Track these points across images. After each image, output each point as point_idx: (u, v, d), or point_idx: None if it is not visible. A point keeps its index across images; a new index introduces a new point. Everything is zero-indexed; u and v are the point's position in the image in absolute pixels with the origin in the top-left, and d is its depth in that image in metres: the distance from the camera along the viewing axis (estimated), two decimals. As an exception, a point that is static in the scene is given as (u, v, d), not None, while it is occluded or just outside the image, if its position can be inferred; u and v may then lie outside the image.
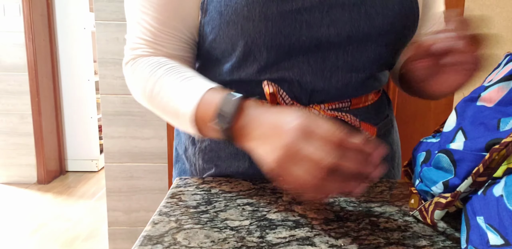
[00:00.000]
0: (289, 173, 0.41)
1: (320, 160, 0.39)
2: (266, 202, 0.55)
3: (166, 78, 0.55)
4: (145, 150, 1.66)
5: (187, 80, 0.54)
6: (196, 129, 0.52)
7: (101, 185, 3.03)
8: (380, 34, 0.57)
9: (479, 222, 0.37)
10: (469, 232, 0.39)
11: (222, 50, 0.59)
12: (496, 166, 0.37)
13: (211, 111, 0.49)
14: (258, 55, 0.57)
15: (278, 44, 0.56)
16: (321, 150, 0.40)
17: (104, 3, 1.55)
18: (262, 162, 0.45)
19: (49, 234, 2.27)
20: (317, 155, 0.40)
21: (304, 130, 0.41)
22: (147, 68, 0.57)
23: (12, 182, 3.06)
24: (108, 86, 1.61)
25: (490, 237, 0.35)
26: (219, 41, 0.58)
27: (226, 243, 0.44)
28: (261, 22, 0.54)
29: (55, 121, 3.15)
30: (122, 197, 1.70)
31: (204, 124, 0.51)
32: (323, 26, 0.55)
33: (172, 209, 0.52)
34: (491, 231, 0.35)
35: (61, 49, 3.12)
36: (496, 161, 0.36)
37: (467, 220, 0.40)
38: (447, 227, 0.48)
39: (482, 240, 0.36)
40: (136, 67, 0.59)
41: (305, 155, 0.40)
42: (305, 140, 0.41)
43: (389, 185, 0.63)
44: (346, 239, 0.45)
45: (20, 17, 2.84)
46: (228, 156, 0.64)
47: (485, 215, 0.36)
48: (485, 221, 0.36)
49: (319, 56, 0.57)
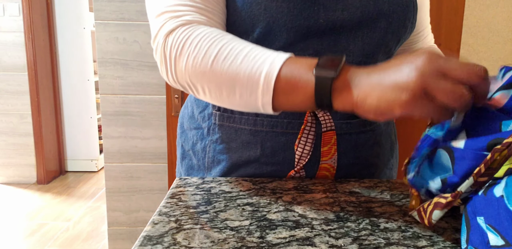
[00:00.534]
0: (439, 87, 0.39)
1: (467, 71, 0.39)
2: (266, 202, 0.55)
3: (236, 42, 0.50)
4: (145, 150, 1.66)
5: (261, 48, 0.49)
6: (274, 94, 0.47)
7: (101, 185, 3.03)
8: (386, 21, 0.60)
9: (480, 222, 0.37)
10: (470, 233, 0.39)
11: (240, 32, 0.60)
12: (497, 166, 0.37)
13: (309, 62, 0.45)
14: (278, 35, 0.58)
15: (298, 25, 0.57)
16: (460, 66, 0.39)
17: (104, 2, 1.54)
18: (396, 91, 0.40)
19: (48, 234, 2.27)
20: (460, 69, 0.39)
21: (433, 59, 0.40)
22: (212, 32, 0.51)
23: (12, 182, 3.06)
24: (108, 86, 1.61)
25: (491, 237, 0.35)
26: (239, 23, 0.59)
27: (226, 243, 0.44)
28: (284, 2, 0.56)
29: (55, 121, 3.15)
30: (122, 197, 1.70)
31: (292, 84, 0.45)
32: (337, 10, 0.58)
33: (172, 209, 0.52)
34: (492, 232, 0.35)
35: (60, 49, 3.12)
36: (497, 161, 0.36)
37: (468, 220, 0.40)
38: (447, 228, 0.48)
39: (482, 240, 0.36)
40: (194, 31, 0.51)
41: (449, 68, 0.39)
42: (440, 59, 0.39)
43: (389, 185, 0.63)
44: (346, 239, 0.45)
45: (19, 17, 2.84)
46: (240, 146, 0.65)
47: (486, 216, 0.37)
48: (486, 221, 0.36)
49: (332, 39, 0.59)
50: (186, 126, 0.73)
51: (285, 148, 0.63)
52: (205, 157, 0.68)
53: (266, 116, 0.63)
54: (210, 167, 0.68)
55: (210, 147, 0.67)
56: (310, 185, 0.62)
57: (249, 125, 0.64)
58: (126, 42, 1.57)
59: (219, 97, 0.51)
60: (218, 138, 0.66)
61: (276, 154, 0.64)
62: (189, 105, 0.73)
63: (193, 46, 0.50)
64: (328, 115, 0.62)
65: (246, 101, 0.49)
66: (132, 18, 1.56)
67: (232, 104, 0.51)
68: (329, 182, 0.64)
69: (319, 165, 0.64)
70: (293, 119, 0.63)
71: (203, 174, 0.70)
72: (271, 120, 0.63)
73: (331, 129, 0.63)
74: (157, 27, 0.54)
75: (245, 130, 0.64)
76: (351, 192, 0.60)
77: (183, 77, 0.52)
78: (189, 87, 0.54)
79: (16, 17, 2.84)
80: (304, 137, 0.62)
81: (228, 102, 0.51)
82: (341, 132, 0.64)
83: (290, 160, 0.64)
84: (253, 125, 0.63)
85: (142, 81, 1.59)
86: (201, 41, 0.50)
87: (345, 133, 0.64)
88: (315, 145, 0.63)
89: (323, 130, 0.62)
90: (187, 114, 0.73)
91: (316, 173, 0.65)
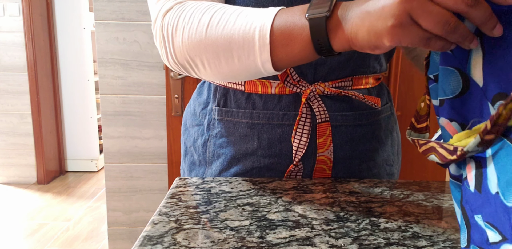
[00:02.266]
0: (424, 12, 0.36)
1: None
2: (266, 202, 0.55)
3: (228, 7, 0.50)
4: (145, 150, 1.66)
5: (253, 9, 0.49)
6: (272, 48, 0.46)
7: (101, 185, 3.03)
8: None
9: (478, 220, 0.37)
10: (470, 231, 0.38)
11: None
12: (503, 122, 0.34)
13: (300, 8, 0.45)
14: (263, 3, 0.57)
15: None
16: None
17: (104, 2, 1.54)
18: (383, 19, 0.39)
19: (48, 234, 2.27)
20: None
21: None
22: (201, 5, 0.51)
23: (12, 182, 3.06)
24: (108, 86, 1.61)
25: (490, 235, 0.35)
26: None
27: (226, 243, 0.43)
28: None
29: (55, 121, 3.15)
30: (122, 197, 1.70)
31: (288, 33, 0.45)
32: None
33: (172, 209, 0.52)
34: (490, 229, 0.35)
35: (60, 49, 3.12)
36: (503, 116, 0.34)
37: (467, 218, 0.39)
38: (447, 228, 0.48)
39: (482, 238, 0.36)
40: (186, 7, 0.52)
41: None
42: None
43: (390, 185, 0.63)
44: (346, 239, 0.45)
45: (19, 17, 2.84)
46: (238, 139, 0.66)
47: (483, 213, 0.36)
48: (483, 219, 0.36)
49: None
50: (189, 124, 0.74)
51: (281, 139, 0.64)
52: (205, 152, 0.70)
53: (262, 109, 0.64)
54: (211, 162, 0.70)
55: (210, 141, 0.69)
56: (310, 185, 0.62)
57: (246, 118, 0.65)
58: (126, 42, 1.57)
59: (219, 66, 0.50)
60: (217, 133, 0.68)
61: (273, 146, 0.65)
62: (191, 104, 0.75)
63: (187, 19, 0.50)
64: (323, 106, 0.63)
65: (245, 64, 0.48)
66: (132, 18, 1.56)
67: (232, 71, 0.50)
68: (329, 182, 0.64)
69: (316, 157, 0.65)
70: (288, 111, 0.64)
71: (205, 169, 0.71)
72: (267, 112, 0.64)
73: (326, 120, 0.64)
74: (156, 11, 0.54)
75: (243, 123, 0.65)
76: (351, 192, 0.60)
77: (182, 54, 0.52)
78: (189, 65, 0.53)
79: (16, 17, 2.84)
80: (300, 128, 0.63)
81: (228, 69, 0.50)
82: (336, 123, 0.65)
83: (286, 152, 0.65)
84: (249, 117, 0.65)
85: (142, 81, 1.59)
86: (194, 13, 0.50)
87: (340, 124, 0.65)
88: (311, 137, 0.64)
89: (318, 121, 0.63)
90: (190, 112, 0.74)
91: (314, 166, 0.65)
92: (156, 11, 0.54)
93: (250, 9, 0.49)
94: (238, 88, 0.66)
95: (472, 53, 0.40)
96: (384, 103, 0.71)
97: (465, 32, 0.37)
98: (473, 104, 0.40)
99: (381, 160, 0.71)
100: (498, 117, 0.34)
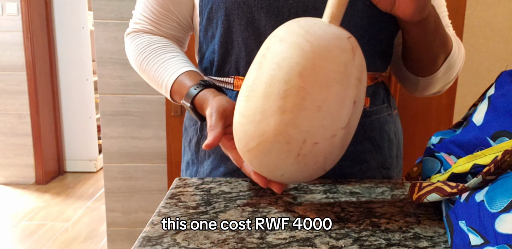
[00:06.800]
0: None
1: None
2: (266, 202, 0.55)
3: (153, 56, 0.69)
4: (144, 150, 1.66)
5: (169, 60, 0.67)
6: (171, 94, 0.67)
7: (100, 185, 3.02)
8: (363, 3, 0.60)
9: (461, 225, 0.40)
10: (453, 236, 0.41)
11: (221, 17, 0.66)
12: (506, 167, 0.38)
13: (183, 92, 0.63)
14: (252, 17, 0.61)
15: (267, 5, 0.60)
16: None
17: (103, 2, 1.54)
18: None
19: (47, 234, 2.26)
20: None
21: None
22: (141, 44, 0.70)
23: (10, 183, 3.05)
24: (107, 86, 1.60)
25: (472, 238, 0.38)
26: (216, 8, 0.64)
27: (225, 244, 0.43)
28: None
29: (54, 121, 3.14)
30: (121, 197, 1.70)
31: (179, 92, 0.65)
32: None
33: (171, 210, 0.52)
34: (472, 233, 0.38)
35: (59, 49, 3.11)
36: (507, 162, 0.38)
37: (451, 225, 0.43)
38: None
39: (464, 242, 0.39)
40: (134, 40, 0.72)
41: None
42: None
43: (390, 186, 0.63)
44: (347, 240, 0.44)
45: (18, 17, 2.83)
46: None
47: (467, 219, 0.39)
48: (467, 224, 0.39)
49: None
50: (187, 124, 0.76)
51: None
52: (198, 151, 0.72)
53: None
54: (203, 160, 0.71)
55: (202, 141, 0.71)
56: (310, 185, 0.62)
57: None
58: (125, 42, 1.57)
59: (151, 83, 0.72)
60: None
61: None
62: None
63: (131, 50, 0.72)
64: None
65: (162, 92, 0.69)
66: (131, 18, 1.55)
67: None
68: (330, 182, 0.63)
69: None
70: None
71: (197, 168, 0.73)
72: None
73: None
74: (129, 24, 0.76)
75: None
76: (351, 192, 0.59)
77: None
78: None
79: (15, 16, 2.84)
80: None
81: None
82: None
83: None
84: None
85: (142, 81, 1.59)
86: (136, 49, 0.71)
87: None
88: None
89: None
90: (188, 113, 0.75)
91: None
92: (129, 23, 0.75)
93: (168, 63, 0.67)
94: (227, 87, 0.68)
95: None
96: (380, 104, 0.70)
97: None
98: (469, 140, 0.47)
99: (376, 162, 0.69)
100: (502, 163, 0.38)
